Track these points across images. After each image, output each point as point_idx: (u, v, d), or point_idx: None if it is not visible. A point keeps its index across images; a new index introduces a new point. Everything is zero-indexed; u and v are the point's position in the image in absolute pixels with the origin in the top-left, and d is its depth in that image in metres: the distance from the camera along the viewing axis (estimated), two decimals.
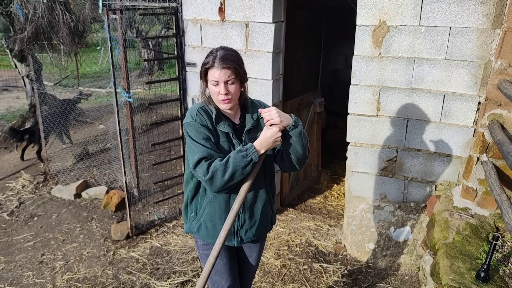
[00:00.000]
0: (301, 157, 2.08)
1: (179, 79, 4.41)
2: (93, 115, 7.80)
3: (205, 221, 2.16)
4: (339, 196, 5.04)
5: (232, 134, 2.05)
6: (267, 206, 2.23)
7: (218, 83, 1.93)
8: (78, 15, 4.74)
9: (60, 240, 4.24)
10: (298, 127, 1.97)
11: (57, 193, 5.13)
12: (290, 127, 1.96)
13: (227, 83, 1.93)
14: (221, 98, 1.95)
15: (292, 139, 2.00)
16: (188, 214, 2.26)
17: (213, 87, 1.95)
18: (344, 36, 6.49)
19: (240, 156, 1.92)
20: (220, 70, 1.90)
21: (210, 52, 1.98)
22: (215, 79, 1.92)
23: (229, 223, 1.98)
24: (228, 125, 2.05)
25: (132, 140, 4.72)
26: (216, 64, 1.91)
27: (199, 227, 2.19)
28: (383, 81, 3.51)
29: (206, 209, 2.14)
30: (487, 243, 2.91)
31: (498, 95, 3.06)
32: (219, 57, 1.92)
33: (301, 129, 2.00)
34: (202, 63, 1.98)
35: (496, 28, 3.02)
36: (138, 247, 4.06)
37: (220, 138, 2.05)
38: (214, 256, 2.01)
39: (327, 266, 3.70)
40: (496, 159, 3.07)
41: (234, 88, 1.95)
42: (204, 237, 2.20)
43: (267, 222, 2.29)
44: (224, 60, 1.91)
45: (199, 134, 1.98)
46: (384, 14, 3.33)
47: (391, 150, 3.66)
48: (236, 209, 1.97)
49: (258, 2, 3.75)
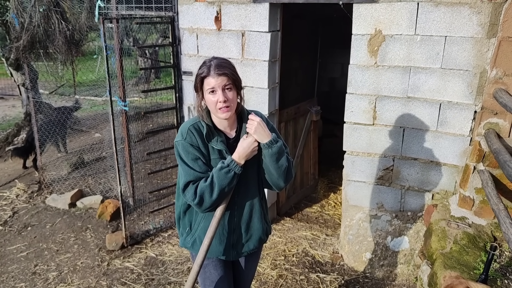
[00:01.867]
0: (275, 180, 2.07)
1: (175, 88, 4.40)
2: (89, 123, 7.77)
3: (199, 236, 2.13)
4: (336, 205, 5.02)
5: (225, 151, 2.02)
6: (262, 218, 2.23)
7: (215, 91, 1.91)
8: (74, 24, 4.74)
9: (53, 250, 4.18)
10: (271, 148, 1.96)
11: (52, 202, 5.08)
12: (263, 145, 1.96)
13: (224, 90, 1.91)
14: (219, 107, 1.92)
15: (265, 158, 2.01)
16: (181, 228, 2.24)
17: (210, 97, 1.93)
18: (340, 45, 6.52)
19: (223, 172, 1.93)
20: (216, 77, 1.89)
21: (203, 62, 1.97)
22: (212, 86, 1.90)
23: (212, 230, 1.99)
24: (221, 142, 2.02)
25: (127, 148, 4.69)
26: (211, 72, 1.90)
27: (193, 243, 2.17)
28: (379, 90, 3.51)
29: (201, 224, 2.12)
30: (485, 252, 2.89)
31: (494, 104, 3.06)
32: (214, 65, 1.92)
33: (276, 152, 1.97)
34: (196, 74, 1.97)
35: (491, 37, 3.03)
36: (133, 258, 4.01)
37: (212, 156, 2.03)
38: (198, 265, 2.03)
39: (324, 276, 3.67)
40: (493, 168, 3.06)
41: (232, 94, 1.94)
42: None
43: (263, 234, 2.27)
44: (220, 68, 1.91)
45: (188, 155, 1.98)
46: (380, 23, 3.34)
47: (388, 159, 3.65)
48: (219, 216, 1.98)
49: (254, 11, 3.76)
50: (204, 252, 2.02)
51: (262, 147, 1.98)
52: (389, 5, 3.26)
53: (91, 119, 7.87)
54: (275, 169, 2.01)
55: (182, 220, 2.21)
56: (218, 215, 2.00)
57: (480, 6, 2.99)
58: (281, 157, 2.00)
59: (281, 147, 2.00)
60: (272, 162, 1.99)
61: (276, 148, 1.97)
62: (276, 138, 2.00)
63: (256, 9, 3.74)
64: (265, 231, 2.29)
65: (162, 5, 4.16)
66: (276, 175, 2.04)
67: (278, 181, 2.07)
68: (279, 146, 1.99)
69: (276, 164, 2.00)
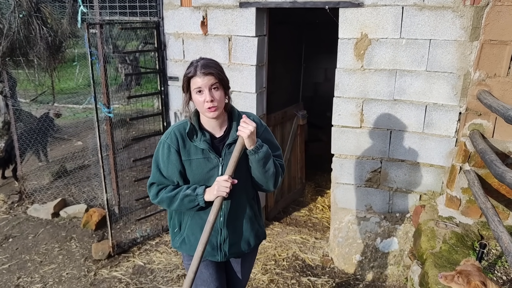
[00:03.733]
0: (263, 183, 2.10)
1: (161, 94, 4.36)
2: (70, 131, 7.61)
3: (187, 235, 2.17)
4: (323, 208, 5.04)
5: (209, 149, 2.02)
6: (252, 221, 2.21)
7: (202, 91, 1.92)
8: (56, 30, 4.65)
9: (37, 261, 4.06)
10: (258, 154, 1.97)
11: (34, 212, 4.94)
12: (249, 151, 1.98)
13: (211, 89, 1.92)
14: (206, 107, 1.93)
15: (252, 164, 2.03)
16: (171, 229, 2.27)
17: (197, 97, 1.94)
18: (323, 50, 6.61)
19: (188, 200, 1.99)
20: (203, 77, 1.90)
21: (190, 63, 1.98)
22: (199, 86, 1.91)
23: (205, 236, 1.97)
24: (204, 141, 2.03)
25: (112, 156, 4.61)
26: (198, 72, 1.91)
27: (182, 242, 2.19)
28: (366, 93, 3.55)
29: (188, 222, 2.15)
30: (473, 251, 2.94)
31: (478, 105, 3.14)
32: (200, 65, 1.93)
33: (262, 157, 1.99)
34: (183, 75, 1.98)
35: (474, 40, 3.11)
36: (120, 267, 3.93)
37: (196, 155, 2.03)
38: (193, 272, 1.99)
39: (315, 280, 3.67)
40: (478, 168, 3.13)
41: (219, 94, 1.95)
42: (188, 251, 2.19)
43: (254, 237, 2.25)
44: (206, 67, 1.92)
45: (163, 156, 2.04)
46: (366, 27, 3.38)
47: (376, 161, 3.69)
48: (212, 221, 1.96)
49: (240, 16, 3.76)
50: (199, 258, 1.98)
51: (248, 153, 1.99)
52: (374, 9, 3.32)
53: (73, 127, 7.71)
54: (262, 173, 2.04)
55: (172, 220, 2.24)
56: (212, 219, 1.97)
57: (463, 10, 3.07)
58: (267, 162, 2.01)
59: (267, 152, 2.00)
60: (259, 167, 2.01)
61: (262, 153, 1.98)
62: (262, 144, 2.00)
63: (242, 13, 3.74)
64: (256, 234, 2.27)
65: (147, 10, 4.12)
66: (264, 179, 2.07)
67: (267, 184, 2.10)
68: (265, 152, 1.99)
69: (263, 169, 2.02)
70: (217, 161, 2.04)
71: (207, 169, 2.04)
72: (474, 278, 1.98)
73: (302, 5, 3.55)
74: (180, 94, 4.27)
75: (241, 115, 2.10)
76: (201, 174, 2.05)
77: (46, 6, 4.62)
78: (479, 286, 1.95)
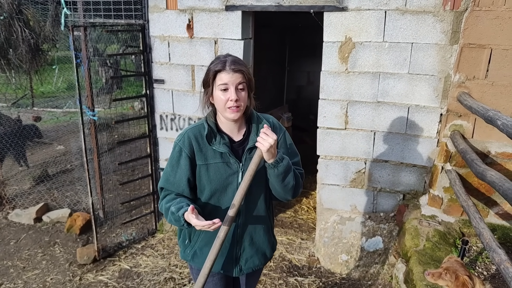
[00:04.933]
0: (281, 195, 1.95)
1: (146, 96, 4.35)
2: (51, 135, 7.48)
3: (200, 247, 2.01)
4: (308, 209, 5.09)
5: (229, 153, 1.88)
6: (269, 232, 2.09)
7: (228, 88, 1.78)
8: (38, 32, 4.58)
9: (20, 267, 3.98)
10: (277, 168, 1.80)
11: (15, 218, 4.84)
12: (268, 164, 1.80)
13: (237, 88, 1.79)
14: (229, 105, 1.79)
15: (270, 177, 1.88)
16: (181, 239, 2.10)
17: (220, 94, 1.79)
18: (306, 53, 6.70)
19: (174, 218, 1.82)
20: (232, 73, 1.77)
21: (216, 57, 1.85)
22: (225, 82, 1.78)
23: (214, 252, 1.84)
24: (223, 144, 1.88)
25: (97, 159, 4.56)
26: (227, 68, 1.77)
27: (193, 255, 2.04)
28: (350, 95, 3.62)
29: (201, 235, 1.99)
30: (455, 248, 3.04)
31: (458, 107, 3.24)
32: (230, 60, 1.80)
33: (282, 172, 1.82)
34: (208, 68, 1.84)
35: (454, 44, 3.22)
36: (106, 271, 3.89)
37: (214, 160, 1.89)
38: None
39: (302, 280, 3.71)
40: (459, 167, 3.23)
41: (244, 95, 1.82)
42: (200, 265, 1.96)
43: (270, 249, 2.13)
44: (236, 64, 1.79)
45: (172, 160, 1.92)
46: (350, 31, 3.46)
47: (360, 162, 3.76)
48: (222, 237, 1.83)
49: (226, 19, 3.79)
50: (205, 275, 1.87)
51: (267, 166, 1.82)
52: (358, 13, 3.39)
53: (54, 131, 7.58)
54: (281, 187, 1.88)
55: (182, 231, 2.08)
56: (222, 236, 1.83)
57: (443, 14, 3.17)
58: (287, 176, 1.84)
59: (287, 166, 1.82)
60: (278, 182, 1.85)
61: (282, 167, 1.80)
62: (282, 157, 1.81)
63: (228, 17, 3.77)
64: (272, 246, 2.15)
65: (132, 13, 4.11)
66: (282, 192, 1.92)
67: (285, 196, 1.95)
68: (285, 165, 1.81)
69: (282, 183, 1.86)
70: (237, 167, 1.89)
71: (226, 175, 1.89)
72: (462, 273, 2.06)
73: (288, 9, 3.60)
74: (166, 97, 4.28)
75: (260, 117, 1.98)
76: (220, 180, 1.89)
77: (28, 8, 4.55)
78: (467, 280, 2.03)
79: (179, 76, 4.15)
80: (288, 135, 2.06)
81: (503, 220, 3.20)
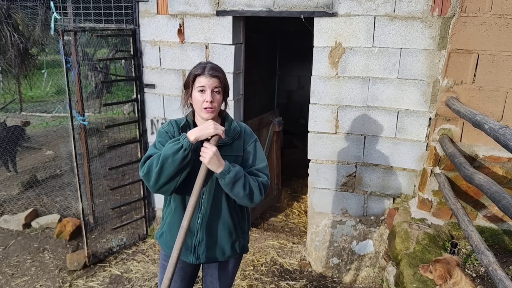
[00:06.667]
0: (238, 201, 2.09)
1: (137, 101, 4.33)
2: (40, 140, 7.41)
3: (165, 230, 2.22)
4: (300, 213, 5.11)
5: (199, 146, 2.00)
6: (230, 230, 2.18)
7: (205, 91, 2.00)
8: (27, 36, 4.55)
9: (8, 274, 3.93)
10: (224, 179, 1.96)
11: (4, 224, 4.78)
12: (217, 174, 1.97)
13: (213, 91, 2.01)
14: (205, 106, 2.00)
15: (222, 186, 2.03)
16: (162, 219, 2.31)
17: (198, 95, 2.01)
18: (296, 58, 6.74)
19: (172, 143, 1.96)
20: (209, 78, 2.00)
21: (198, 64, 2.07)
22: (203, 85, 1.99)
23: (180, 241, 1.96)
24: None
25: (87, 164, 4.53)
26: (206, 72, 2.00)
27: (161, 234, 2.25)
28: (340, 100, 3.65)
29: (168, 219, 2.20)
30: (445, 250, 3.07)
31: (446, 111, 3.29)
32: (209, 67, 2.03)
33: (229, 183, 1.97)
34: (189, 72, 2.06)
35: (442, 49, 3.27)
36: (96, 276, 3.86)
37: None
38: (168, 278, 1.97)
39: (294, 284, 3.71)
40: (448, 171, 3.27)
41: (219, 98, 2.04)
42: (163, 245, 2.24)
43: (230, 247, 2.21)
44: (214, 70, 2.02)
45: (158, 139, 2.10)
46: (340, 36, 3.50)
47: (351, 166, 3.79)
48: (186, 226, 1.96)
49: (217, 24, 3.81)
50: (174, 265, 1.95)
51: (217, 175, 1.99)
52: (348, 19, 3.43)
53: (43, 136, 7.51)
54: (233, 195, 2.05)
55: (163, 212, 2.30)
56: (185, 225, 1.95)
57: (431, 20, 3.22)
58: (234, 186, 1.98)
59: (234, 178, 1.97)
60: (228, 190, 2.02)
61: (229, 179, 1.96)
62: (229, 168, 1.97)
63: (219, 22, 3.79)
64: (232, 245, 2.22)
65: (123, 17, 4.11)
66: (237, 199, 2.07)
67: (242, 202, 2.08)
68: (232, 177, 1.97)
69: (231, 192, 2.02)
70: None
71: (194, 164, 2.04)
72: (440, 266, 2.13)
73: (278, 14, 3.63)
74: (156, 102, 4.28)
75: (234, 121, 2.17)
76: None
77: (17, 12, 4.52)
78: (442, 272, 2.09)
79: (170, 81, 4.15)
80: (259, 143, 2.23)
81: (491, 223, 3.24)
